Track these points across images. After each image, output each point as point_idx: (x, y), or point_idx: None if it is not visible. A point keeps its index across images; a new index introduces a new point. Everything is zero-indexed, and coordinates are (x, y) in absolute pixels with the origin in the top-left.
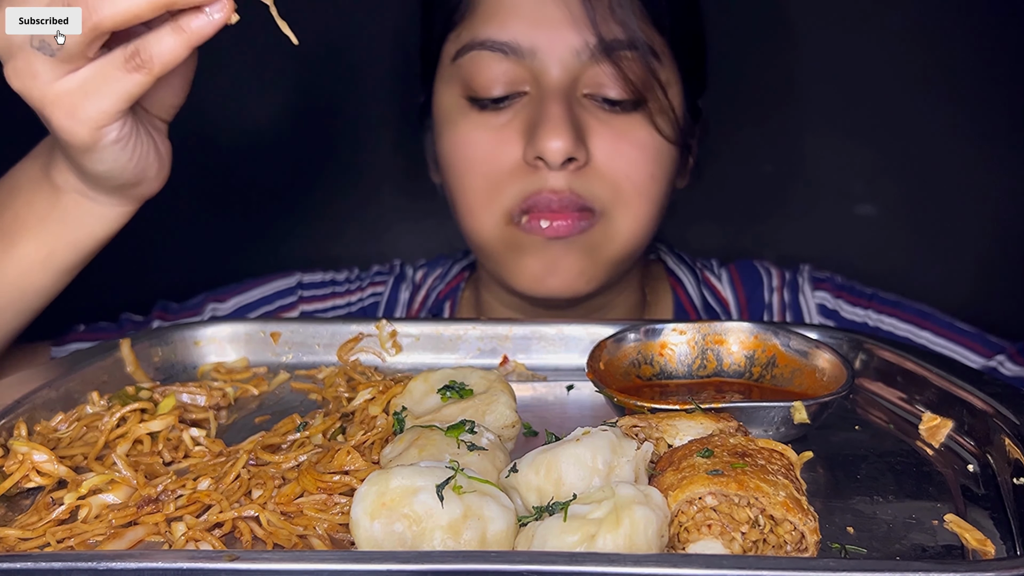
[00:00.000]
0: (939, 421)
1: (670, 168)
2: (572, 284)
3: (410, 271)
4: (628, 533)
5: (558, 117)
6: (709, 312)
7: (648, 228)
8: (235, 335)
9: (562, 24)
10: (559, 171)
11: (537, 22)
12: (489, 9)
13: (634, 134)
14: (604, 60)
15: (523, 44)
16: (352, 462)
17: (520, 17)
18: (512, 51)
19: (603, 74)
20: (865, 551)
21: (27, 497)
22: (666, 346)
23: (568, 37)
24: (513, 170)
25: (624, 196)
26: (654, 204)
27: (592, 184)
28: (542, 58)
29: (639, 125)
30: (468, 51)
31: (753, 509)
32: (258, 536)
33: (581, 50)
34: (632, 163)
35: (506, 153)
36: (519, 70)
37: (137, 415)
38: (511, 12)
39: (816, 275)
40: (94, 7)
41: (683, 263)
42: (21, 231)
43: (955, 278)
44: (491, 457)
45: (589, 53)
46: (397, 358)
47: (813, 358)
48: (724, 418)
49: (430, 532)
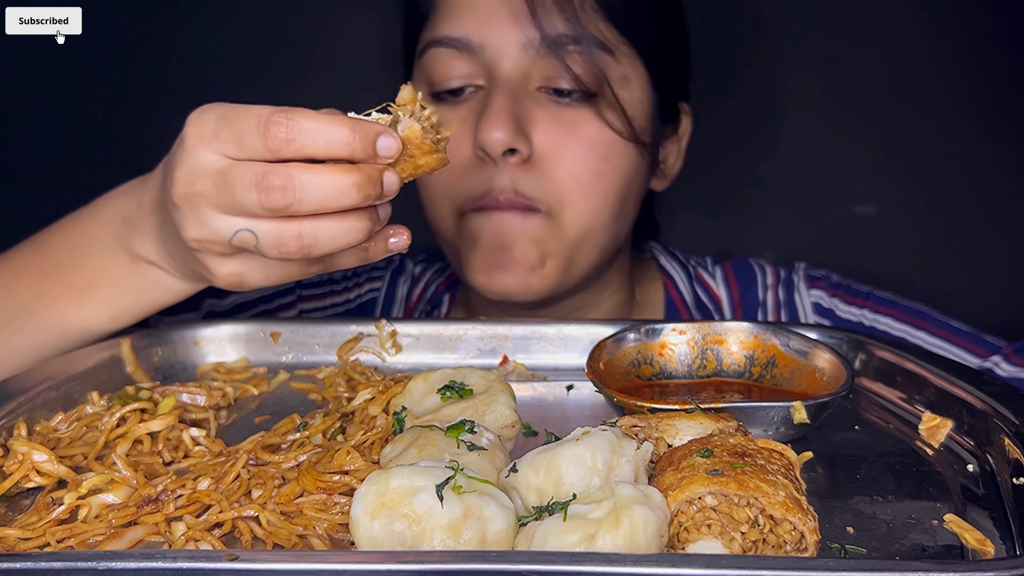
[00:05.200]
0: (939, 421)
1: (625, 167)
2: (523, 280)
3: (409, 264)
4: (628, 533)
5: (498, 108)
6: (701, 310)
7: (599, 228)
8: (235, 335)
9: (507, 19)
10: (503, 166)
11: (486, 18)
12: (446, 7)
13: (581, 128)
14: (549, 54)
15: (474, 40)
16: (352, 462)
17: (471, 14)
18: (465, 47)
19: (550, 67)
20: (865, 551)
21: (27, 497)
22: (666, 346)
23: (514, 32)
24: (465, 165)
25: (569, 193)
26: (602, 203)
27: (537, 180)
28: (491, 53)
29: (587, 119)
30: (428, 48)
31: (753, 509)
32: (258, 536)
33: (527, 45)
34: (578, 158)
35: (460, 148)
36: (473, 65)
37: (137, 415)
38: (464, 9)
39: (812, 273)
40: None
41: (676, 260)
42: (91, 292)
43: (955, 278)
44: (491, 457)
45: (536, 48)
46: (397, 358)
47: (813, 358)
48: (724, 418)
49: (430, 532)
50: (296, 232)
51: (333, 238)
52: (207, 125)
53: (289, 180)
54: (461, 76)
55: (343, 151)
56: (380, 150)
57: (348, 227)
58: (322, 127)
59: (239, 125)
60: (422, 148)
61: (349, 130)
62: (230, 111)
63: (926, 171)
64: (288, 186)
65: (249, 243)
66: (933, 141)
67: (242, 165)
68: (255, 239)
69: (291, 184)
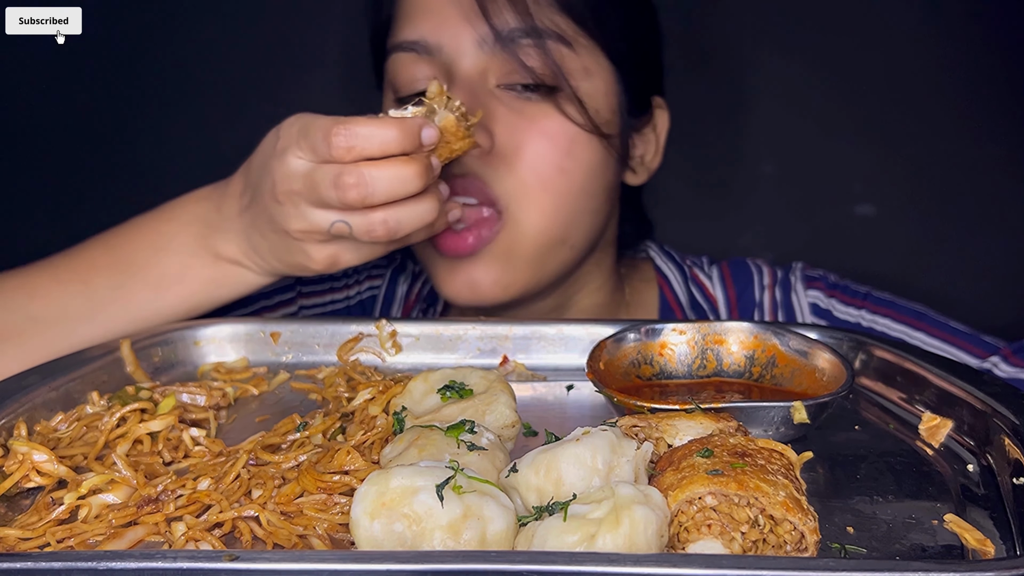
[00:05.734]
0: (939, 421)
1: (590, 160)
2: (490, 293)
3: (409, 263)
4: (628, 533)
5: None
6: (696, 310)
7: (565, 224)
8: (235, 335)
9: (460, 18)
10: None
11: (441, 19)
12: (404, 12)
13: (543, 122)
14: (504, 50)
15: (430, 41)
16: (352, 462)
17: (426, 15)
18: (423, 49)
19: (507, 63)
20: (865, 551)
21: (27, 497)
22: (666, 346)
23: (466, 31)
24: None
25: (529, 188)
26: (564, 198)
27: (497, 172)
28: (448, 52)
29: (548, 113)
30: (390, 54)
31: (753, 509)
32: (258, 536)
33: (482, 42)
34: (538, 152)
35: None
36: (432, 67)
37: (137, 415)
38: (418, 12)
39: (809, 273)
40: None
41: (671, 260)
42: (171, 287)
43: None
44: (491, 457)
45: (491, 44)
46: (397, 358)
47: (813, 358)
48: (724, 418)
49: (430, 532)
50: (382, 219)
51: (412, 219)
52: (291, 135)
53: (360, 178)
54: (423, 78)
55: (396, 148)
56: (424, 140)
57: (424, 208)
58: (375, 131)
59: (311, 136)
60: (457, 135)
61: (397, 130)
62: (307, 122)
63: (925, 171)
64: (360, 183)
65: (344, 232)
66: (933, 141)
67: (322, 168)
68: (349, 228)
69: (363, 181)
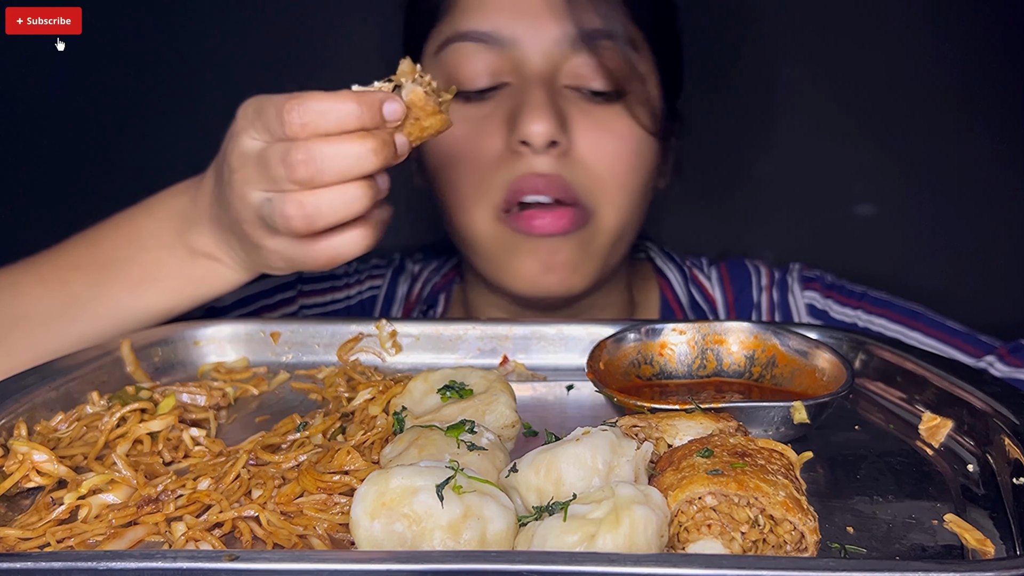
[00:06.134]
0: (939, 421)
1: (650, 163)
2: (567, 280)
3: (409, 264)
4: (628, 533)
5: (540, 102)
6: (696, 310)
7: (631, 223)
8: (235, 335)
9: (543, 14)
10: (543, 155)
11: (518, 12)
12: (472, 2)
13: (614, 125)
14: (583, 50)
15: (505, 34)
16: (352, 462)
17: (502, 9)
18: (494, 41)
19: (583, 64)
20: (865, 551)
21: (27, 497)
22: (666, 346)
23: (548, 27)
24: (498, 159)
25: (606, 188)
26: (634, 198)
27: (576, 173)
28: (523, 48)
29: (619, 116)
30: (451, 43)
31: (753, 509)
32: (258, 536)
33: (561, 40)
34: (613, 155)
35: (490, 144)
36: (501, 60)
37: (137, 415)
38: (493, 4)
39: (806, 274)
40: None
41: (671, 261)
42: (149, 284)
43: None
44: (491, 457)
45: (569, 43)
46: (397, 358)
47: (813, 358)
48: (724, 418)
49: (430, 532)
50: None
51: (334, 205)
52: (247, 116)
53: (309, 153)
54: (489, 72)
55: (353, 123)
56: (387, 114)
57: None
58: (330, 105)
59: (265, 114)
60: (426, 110)
61: (355, 103)
62: (261, 102)
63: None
64: (309, 159)
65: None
66: (933, 141)
67: (273, 146)
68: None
69: (311, 156)
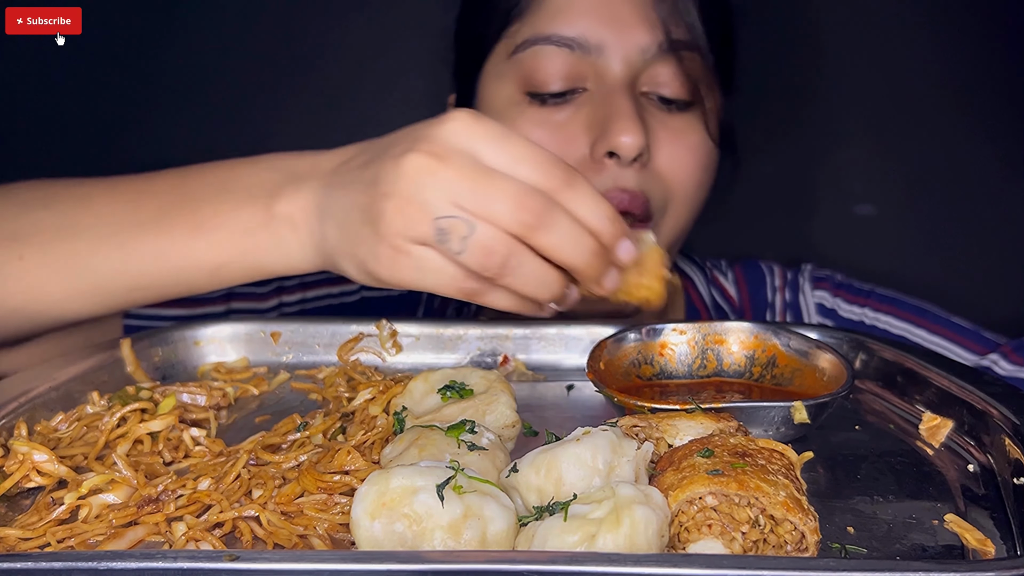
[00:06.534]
0: (939, 421)
1: (714, 176)
2: None
3: None
4: (628, 533)
5: (631, 112)
6: (718, 311)
7: (684, 235)
8: (235, 335)
9: (633, 22)
10: (627, 168)
11: (607, 19)
12: (556, 5)
13: (688, 136)
14: (668, 59)
15: (591, 40)
16: (352, 462)
17: (588, 14)
18: (579, 46)
19: (662, 73)
20: (865, 551)
21: (27, 497)
22: (666, 346)
23: (638, 35)
24: (579, 167)
25: (675, 201)
26: (695, 212)
27: (652, 184)
28: (608, 55)
29: (692, 127)
30: (531, 46)
31: (753, 509)
32: (258, 536)
33: (647, 48)
34: (685, 166)
35: (572, 150)
36: (582, 66)
37: (137, 415)
38: (580, 9)
39: (816, 274)
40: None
41: (694, 263)
42: (208, 231)
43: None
44: (491, 457)
45: (654, 51)
46: (397, 358)
47: (813, 358)
48: (724, 418)
49: (430, 532)
50: (507, 249)
51: (536, 276)
52: (452, 158)
53: (509, 260)
54: (569, 76)
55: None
56: (619, 252)
57: (550, 279)
58: (579, 234)
59: (489, 186)
60: (649, 271)
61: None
62: (483, 154)
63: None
64: (507, 265)
65: (459, 231)
66: (933, 141)
67: (472, 223)
68: (470, 232)
69: (509, 264)
